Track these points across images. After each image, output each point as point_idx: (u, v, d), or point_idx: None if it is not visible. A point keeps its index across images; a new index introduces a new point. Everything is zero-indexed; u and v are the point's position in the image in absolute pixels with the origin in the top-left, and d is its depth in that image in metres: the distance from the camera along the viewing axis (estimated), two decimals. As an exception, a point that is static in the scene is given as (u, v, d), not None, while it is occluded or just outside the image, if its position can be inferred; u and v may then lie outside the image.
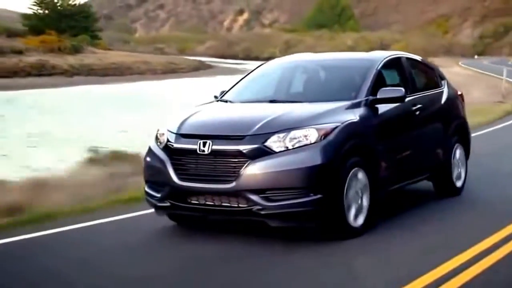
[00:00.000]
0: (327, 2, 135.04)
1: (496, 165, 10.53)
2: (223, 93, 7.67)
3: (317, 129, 6.05)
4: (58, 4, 74.60)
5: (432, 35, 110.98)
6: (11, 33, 59.65)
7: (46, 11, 73.76)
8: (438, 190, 8.25)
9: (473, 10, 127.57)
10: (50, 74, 48.34)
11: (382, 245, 6.07)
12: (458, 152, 8.40)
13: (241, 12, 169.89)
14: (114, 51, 70.07)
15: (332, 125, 6.14)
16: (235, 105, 7.20)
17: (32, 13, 74.60)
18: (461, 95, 9.03)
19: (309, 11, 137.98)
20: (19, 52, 51.87)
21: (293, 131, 6.02)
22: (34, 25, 69.06)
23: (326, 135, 6.05)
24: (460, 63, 63.41)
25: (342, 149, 6.10)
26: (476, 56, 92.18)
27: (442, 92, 8.45)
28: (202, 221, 6.82)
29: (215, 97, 7.68)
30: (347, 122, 6.30)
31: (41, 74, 47.74)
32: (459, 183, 8.37)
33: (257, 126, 6.08)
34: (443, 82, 8.64)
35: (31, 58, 49.03)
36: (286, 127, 6.05)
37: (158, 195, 6.39)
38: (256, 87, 7.74)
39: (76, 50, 58.27)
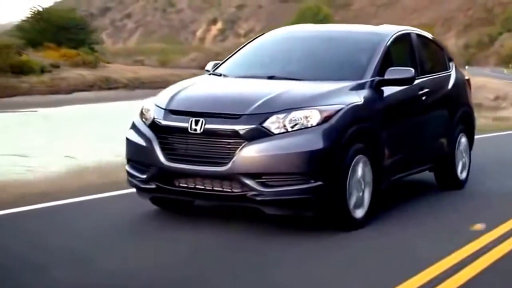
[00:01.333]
0: (309, 10, 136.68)
1: None
2: (217, 65, 7.20)
3: (320, 111, 5.71)
4: (52, 14, 73.66)
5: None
6: (14, 47, 58.70)
7: (41, 22, 72.81)
8: (440, 182, 7.95)
9: (456, 20, 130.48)
10: (116, 88, 48.97)
11: (361, 252, 5.58)
12: (463, 142, 8.09)
13: (214, 21, 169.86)
14: (119, 64, 69.89)
15: (336, 107, 5.81)
16: (231, 80, 6.77)
17: (27, 25, 73.44)
18: (468, 80, 8.68)
19: (286, 20, 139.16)
20: (57, 67, 51.51)
21: (294, 112, 5.67)
22: (30, 37, 68.18)
23: (329, 117, 5.71)
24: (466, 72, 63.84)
25: (345, 134, 5.77)
26: (466, 67, 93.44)
27: (450, 75, 8.11)
28: (188, 206, 6.47)
29: (207, 70, 7.21)
30: (351, 105, 5.96)
31: (110, 88, 48.26)
32: (463, 175, 8.10)
33: (255, 105, 5.72)
34: (451, 64, 8.29)
35: (85, 73, 48.86)
36: (287, 107, 5.70)
37: (143, 176, 5.98)
38: (254, 61, 7.25)
39: (95, 64, 58.38)
